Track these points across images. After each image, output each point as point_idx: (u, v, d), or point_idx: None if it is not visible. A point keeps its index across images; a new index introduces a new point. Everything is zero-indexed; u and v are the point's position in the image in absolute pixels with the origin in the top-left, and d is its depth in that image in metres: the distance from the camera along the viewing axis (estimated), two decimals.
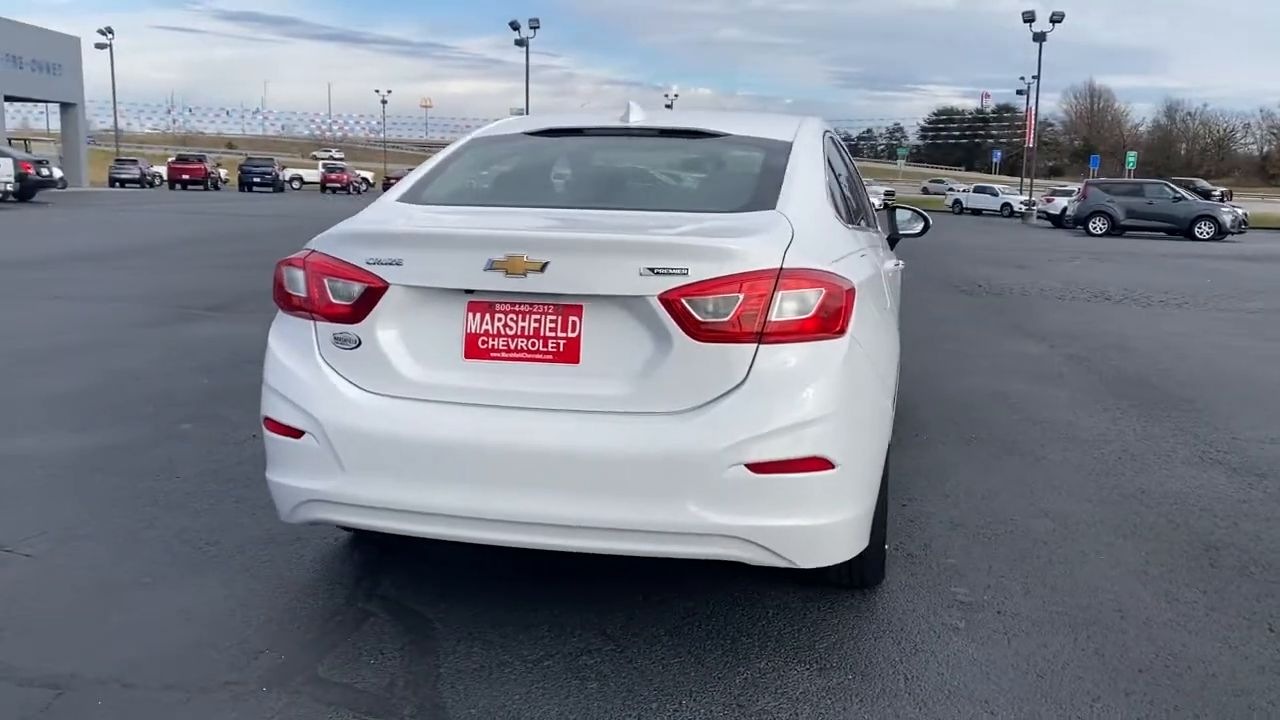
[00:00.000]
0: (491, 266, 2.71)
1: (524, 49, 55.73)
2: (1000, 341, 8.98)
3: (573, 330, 2.73)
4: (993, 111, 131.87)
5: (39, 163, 30.58)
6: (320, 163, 77.56)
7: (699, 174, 3.68)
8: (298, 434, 2.88)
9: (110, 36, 65.19)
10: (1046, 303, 12.30)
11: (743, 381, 2.67)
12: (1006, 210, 50.25)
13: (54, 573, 3.42)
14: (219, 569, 3.47)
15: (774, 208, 3.04)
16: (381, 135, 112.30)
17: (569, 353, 2.74)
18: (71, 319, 8.80)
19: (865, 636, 3.11)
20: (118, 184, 51.92)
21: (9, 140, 44.85)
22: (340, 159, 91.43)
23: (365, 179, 66.60)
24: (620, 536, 2.71)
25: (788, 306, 2.68)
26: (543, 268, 2.69)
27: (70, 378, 6.38)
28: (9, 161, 26.91)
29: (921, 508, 4.28)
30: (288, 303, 2.99)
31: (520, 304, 2.76)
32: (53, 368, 6.70)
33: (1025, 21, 46.34)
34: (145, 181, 54.14)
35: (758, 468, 2.65)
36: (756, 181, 3.27)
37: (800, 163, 3.40)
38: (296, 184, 66.74)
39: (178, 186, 53.14)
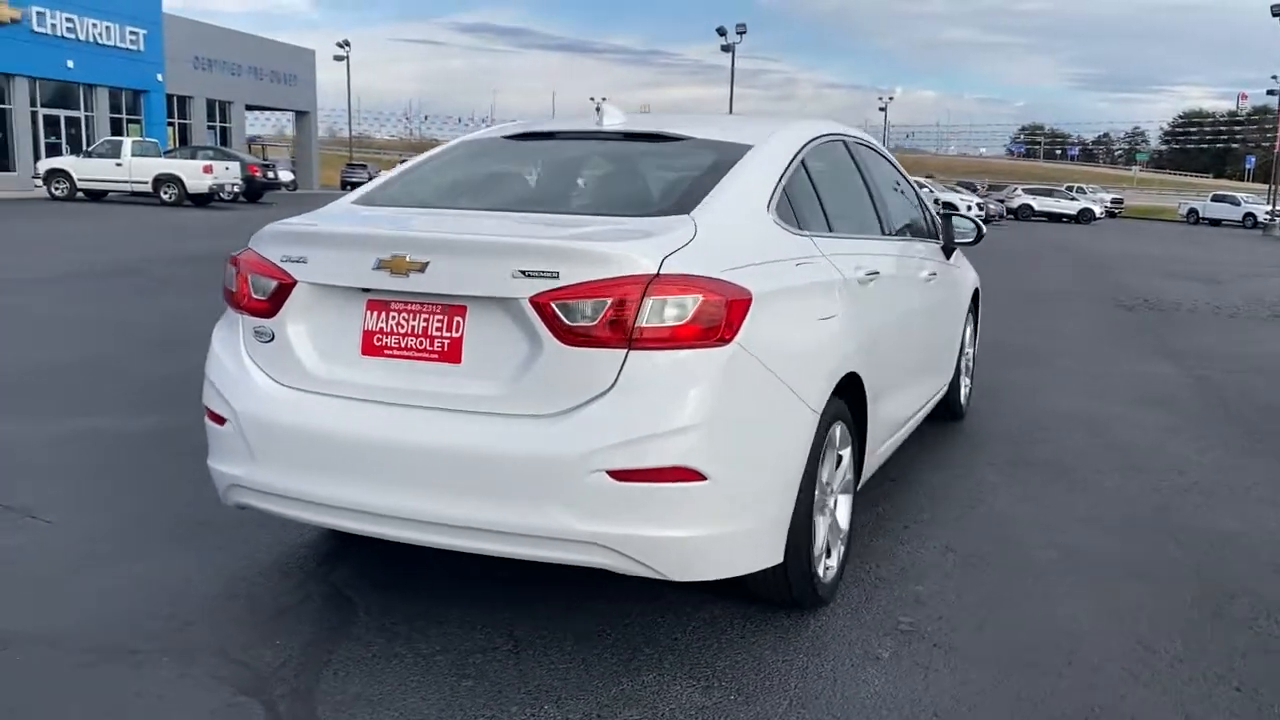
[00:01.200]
0: (379, 266, 2.79)
1: (732, 54, 55.77)
2: (1128, 360, 8.35)
3: (456, 330, 2.77)
4: (1248, 114, 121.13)
5: (266, 166, 33.19)
6: None
7: (638, 178, 3.63)
8: (222, 421, 3.06)
9: (347, 49, 69.79)
10: (1210, 320, 11.33)
11: (610, 387, 2.64)
12: (1249, 221, 46.39)
13: (56, 538, 3.75)
14: (200, 546, 3.70)
15: (688, 212, 2.97)
16: None
17: (452, 352, 2.78)
18: None
19: (776, 658, 2.99)
20: (348, 186, 55.54)
21: (249, 145, 48.87)
22: None
23: None
24: (494, 538, 2.73)
25: (660, 312, 2.63)
26: (423, 268, 2.75)
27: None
28: (236, 165, 29.35)
29: (925, 530, 4.06)
30: (227, 297, 3.17)
31: (412, 303, 2.82)
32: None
33: (1275, 15, 42.62)
34: None
35: (620, 475, 2.61)
36: (688, 185, 3.21)
37: (749, 168, 3.31)
38: None
39: None
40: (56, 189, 28.02)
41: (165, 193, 27.80)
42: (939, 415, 5.68)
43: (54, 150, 32.21)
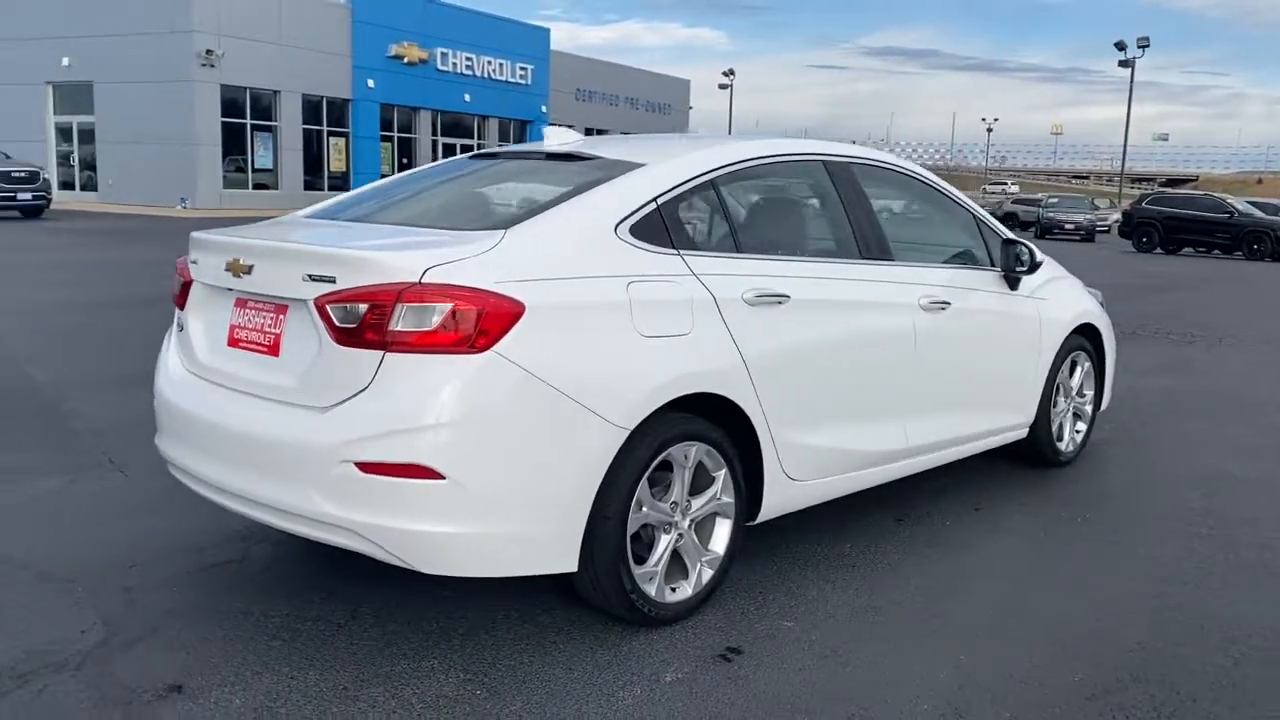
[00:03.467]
0: (225, 268, 3.22)
1: (1131, 70, 51.48)
2: None
3: (278, 327, 3.14)
4: None
5: None
6: None
7: (510, 195, 3.76)
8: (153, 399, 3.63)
9: (731, 78, 72.86)
10: None
11: (368, 385, 2.88)
12: None
13: (72, 494, 4.54)
14: (177, 517, 4.27)
15: (507, 228, 3.13)
16: (1000, 164, 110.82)
17: (274, 347, 3.14)
18: None
19: (584, 655, 3.10)
20: None
21: None
22: None
23: None
24: (285, 517, 3.04)
25: (412, 318, 2.83)
26: (250, 270, 3.15)
27: None
28: None
29: (887, 567, 3.84)
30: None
31: (255, 302, 3.22)
32: None
33: None
34: None
35: (365, 467, 2.84)
36: (537, 203, 3.34)
37: (612, 188, 3.39)
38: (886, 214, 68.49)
39: None
40: None
41: None
42: (1027, 458, 5.22)
43: None
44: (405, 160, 36.43)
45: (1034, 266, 4.75)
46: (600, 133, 39.25)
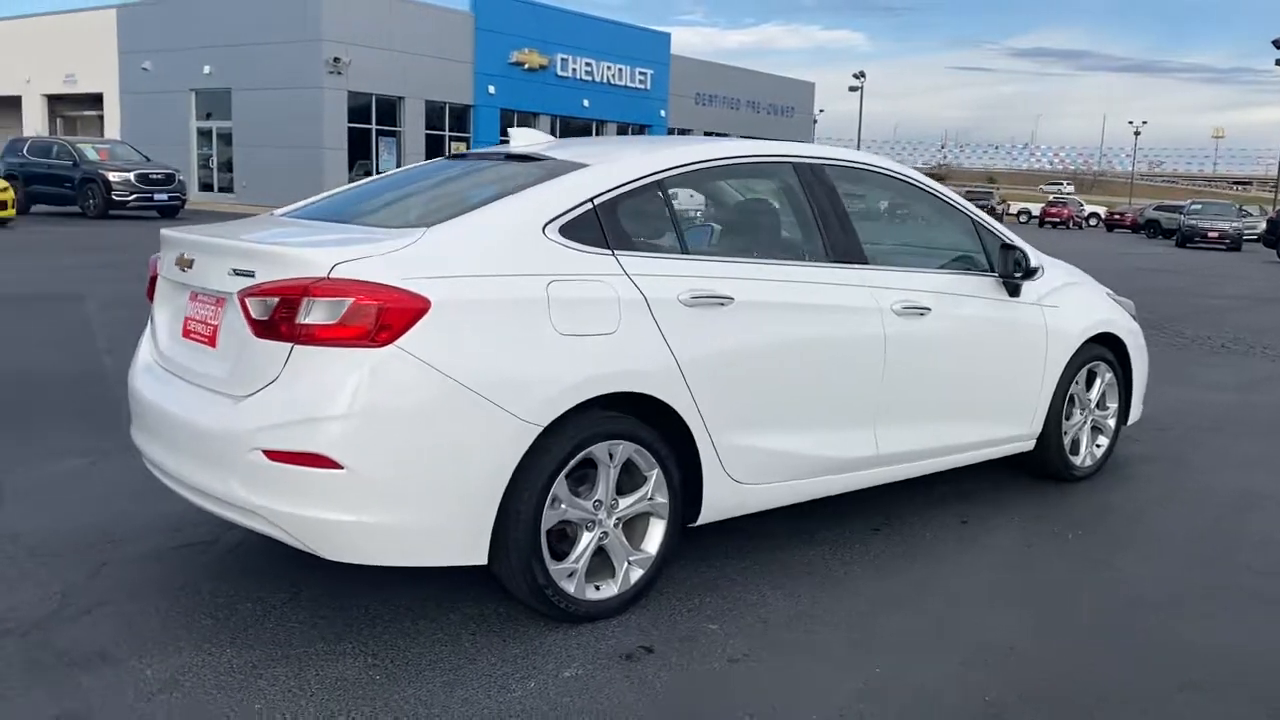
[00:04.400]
0: (175, 262, 3.40)
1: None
2: None
3: (216, 319, 3.29)
4: None
5: None
6: (1049, 196, 76.35)
7: (454, 195, 3.79)
8: None
9: (861, 80, 71.80)
10: None
11: (278, 376, 3.00)
12: None
13: (89, 475, 4.80)
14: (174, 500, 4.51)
15: (430, 226, 3.21)
16: (1151, 169, 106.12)
17: (212, 338, 3.30)
18: None
19: (496, 647, 3.16)
20: None
21: None
22: (1069, 192, 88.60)
23: (1094, 213, 63.78)
24: (215, 502, 3.18)
25: (317, 312, 2.94)
26: (191, 264, 3.31)
27: None
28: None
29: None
30: None
31: (202, 295, 3.38)
32: None
33: None
34: None
35: (273, 455, 2.96)
36: (471, 201, 3.42)
37: (546, 188, 3.43)
38: (1024, 217, 66.23)
39: None
40: None
41: None
42: (1038, 471, 5.03)
43: None
44: None
45: (1029, 272, 4.57)
46: (720, 135, 39.16)
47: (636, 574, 3.46)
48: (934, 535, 4.30)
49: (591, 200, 3.45)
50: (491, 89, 35.03)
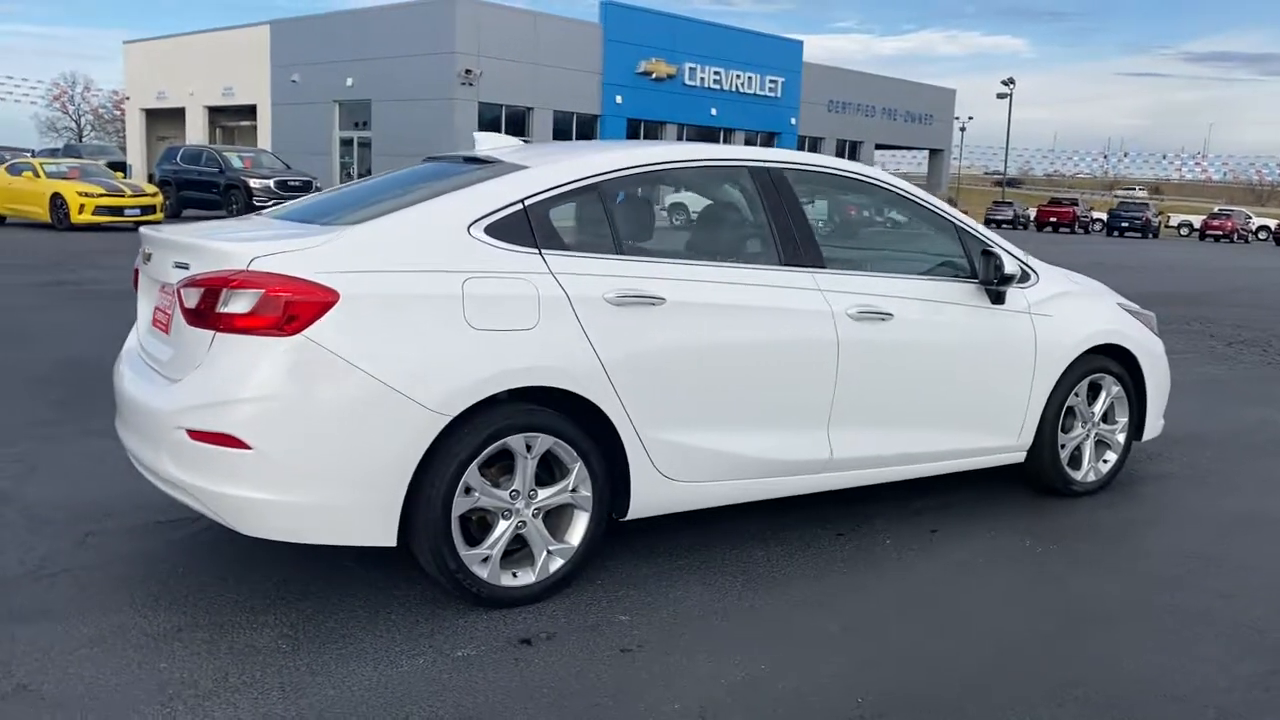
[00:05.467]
0: (142, 256, 3.69)
1: None
2: None
3: (171, 309, 3.56)
4: None
5: None
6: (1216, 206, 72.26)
7: (401, 195, 3.92)
8: None
9: (1011, 87, 69.66)
10: None
11: (202, 361, 3.24)
12: None
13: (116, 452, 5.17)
14: None
15: (357, 224, 3.41)
16: None
17: (167, 325, 3.57)
18: None
19: (405, 626, 3.32)
20: (992, 225, 54.99)
21: None
22: (1142, 197, 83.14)
23: (1264, 226, 60.07)
24: (159, 480, 3.45)
25: (234, 302, 3.16)
26: (149, 258, 3.59)
27: None
28: None
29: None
30: None
31: (164, 287, 3.66)
32: None
33: None
34: (1018, 222, 56.21)
35: (194, 435, 3.20)
36: (405, 201, 3.59)
37: (477, 189, 3.58)
38: (1185, 230, 62.91)
39: (1046, 228, 54.24)
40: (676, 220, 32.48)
41: None
42: (1035, 484, 4.90)
43: None
44: None
45: (1005, 279, 4.45)
46: (854, 145, 38.78)
47: (556, 564, 3.56)
48: (896, 544, 4.25)
49: (522, 201, 3.57)
50: (619, 98, 35.58)
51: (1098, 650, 3.33)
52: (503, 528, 3.46)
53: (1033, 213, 58.06)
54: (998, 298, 4.51)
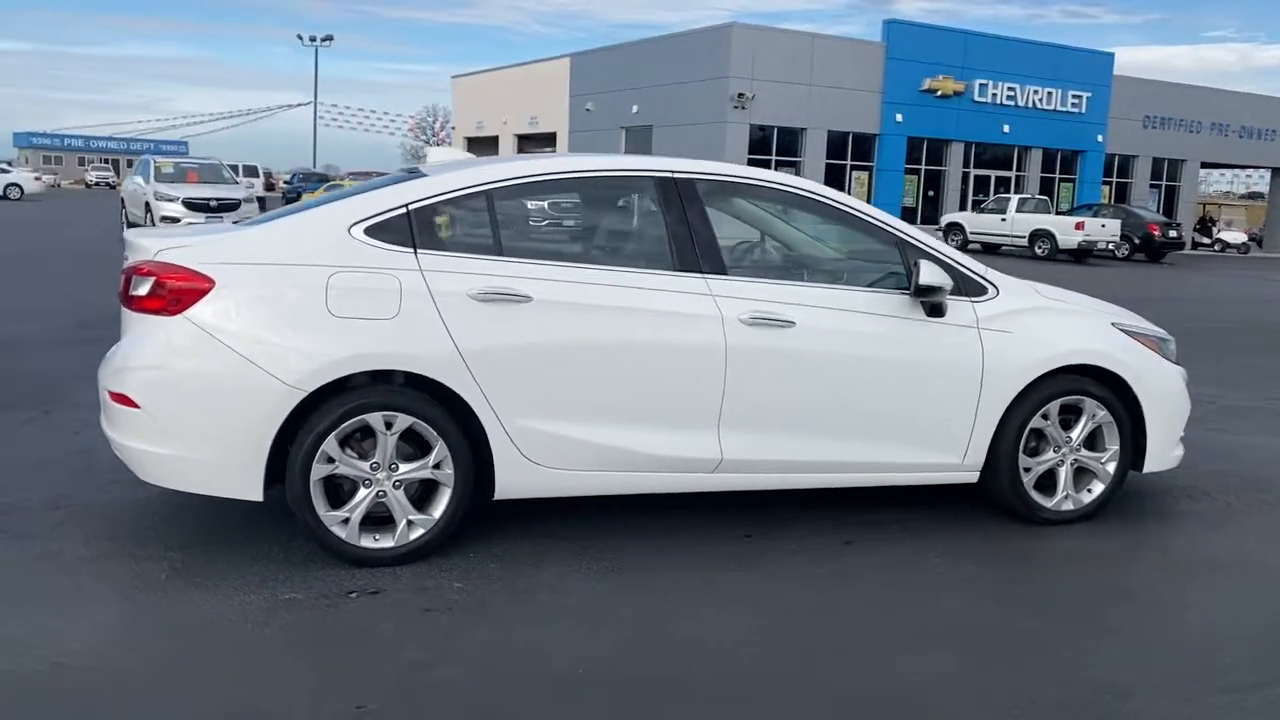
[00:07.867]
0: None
1: None
2: None
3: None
4: None
5: (1168, 225, 32.00)
6: None
7: (329, 201, 4.37)
8: None
9: None
10: None
11: (123, 335, 3.93)
12: None
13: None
14: None
15: (267, 221, 4.00)
16: None
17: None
18: None
19: (277, 571, 3.82)
20: None
21: (1201, 205, 46.50)
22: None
23: None
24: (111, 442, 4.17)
25: (138, 287, 3.83)
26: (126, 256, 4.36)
27: None
28: (1116, 223, 29.11)
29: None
30: None
31: None
32: None
33: None
34: None
35: (112, 395, 3.89)
36: (314, 204, 4.11)
37: (366, 195, 4.05)
38: None
39: None
40: (952, 240, 31.32)
41: (1039, 247, 29.11)
42: (1002, 509, 4.67)
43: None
44: (931, 193, 36.54)
45: (921, 290, 4.29)
46: (1175, 163, 35.58)
47: (417, 532, 3.95)
48: (797, 550, 4.24)
49: (406, 206, 4.01)
50: (899, 117, 34.87)
51: (991, 682, 3.26)
52: (362, 494, 3.90)
53: None
54: (934, 310, 4.39)
